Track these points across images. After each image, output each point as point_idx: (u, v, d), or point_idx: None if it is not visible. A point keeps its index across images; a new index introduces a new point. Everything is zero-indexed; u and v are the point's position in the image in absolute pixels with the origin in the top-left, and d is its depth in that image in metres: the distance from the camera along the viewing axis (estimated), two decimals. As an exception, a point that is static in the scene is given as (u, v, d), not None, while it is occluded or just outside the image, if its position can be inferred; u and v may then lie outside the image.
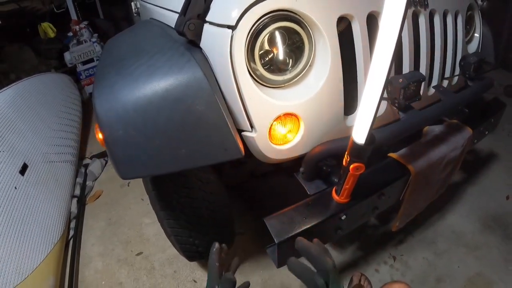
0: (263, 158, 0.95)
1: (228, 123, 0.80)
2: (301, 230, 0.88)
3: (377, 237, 1.65)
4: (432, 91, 1.29)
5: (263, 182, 1.87)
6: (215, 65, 0.87)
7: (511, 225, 1.69)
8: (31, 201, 1.68)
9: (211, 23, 0.87)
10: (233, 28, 0.81)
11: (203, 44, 0.90)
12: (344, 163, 0.84)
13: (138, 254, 1.72)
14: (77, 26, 3.13)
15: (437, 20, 1.26)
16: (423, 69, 1.22)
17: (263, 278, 1.51)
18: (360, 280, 1.22)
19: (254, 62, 0.86)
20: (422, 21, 1.19)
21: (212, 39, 0.87)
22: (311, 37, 0.91)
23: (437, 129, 1.29)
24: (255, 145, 0.90)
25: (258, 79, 0.87)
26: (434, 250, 1.58)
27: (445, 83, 1.38)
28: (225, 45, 0.81)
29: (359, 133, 0.77)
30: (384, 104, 1.11)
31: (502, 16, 2.90)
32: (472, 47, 1.59)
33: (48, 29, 3.27)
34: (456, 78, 1.42)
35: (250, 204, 1.89)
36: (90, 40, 3.12)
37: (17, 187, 1.64)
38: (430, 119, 1.12)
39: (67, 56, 3.06)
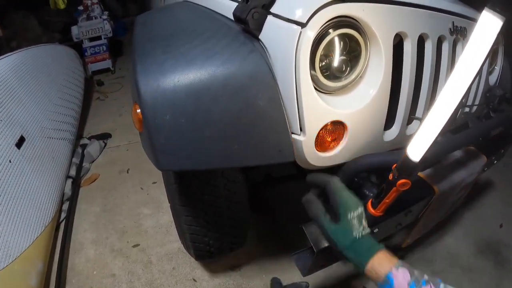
0: (304, 163, 0.92)
1: (287, 124, 0.77)
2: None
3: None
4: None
5: (272, 186, 1.84)
6: (275, 60, 0.83)
7: (503, 253, 1.75)
8: (25, 178, 1.57)
9: (277, 16, 0.84)
10: (303, 25, 0.78)
11: (263, 36, 0.87)
12: (390, 177, 0.84)
13: (134, 246, 1.64)
14: (89, 1, 3.01)
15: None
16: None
17: (265, 283, 1.48)
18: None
19: (313, 65, 0.84)
20: (460, 49, 1.22)
21: (276, 33, 0.84)
22: (368, 47, 0.90)
23: (457, 153, 1.32)
24: (301, 149, 0.87)
25: (314, 83, 0.85)
26: (431, 269, 1.62)
27: (466, 109, 1.41)
28: (291, 42, 0.78)
29: (416, 150, 0.77)
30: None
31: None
32: (492, 79, 1.65)
33: (59, -1, 3.12)
34: (475, 107, 1.46)
35: (253, 207, 1.86)
36: (100, 17, 3.01)
37: (11, 161, 1.53)
38: (462, 144, 1.14)
39: (74, 30, 2.93)
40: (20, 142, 1.65)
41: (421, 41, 1.05)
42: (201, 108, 0.75)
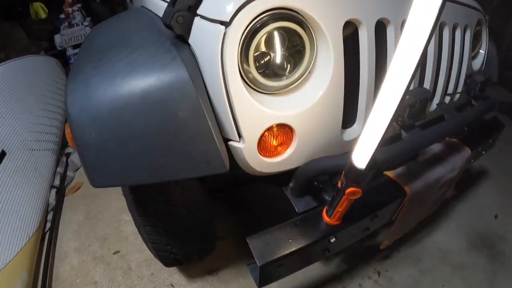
0: (250, 170, 0.87)
1: (214, 134, 0.72)
2: (286, 252, 0.81)
3: (362, 251, 1.60)
4: (434, 107, 1.22)
5: (247, 187, 1.80)
6: (203, 64, 0.78)
7: (498, 245, 1.67)
8: (7, 191, 1.58)
9: (202, 17, 0.78)
10: (226, 24, 0.72)
11: (192, 40, 0.81)
12: (339, 185, 0.77)
13: (115, 253, 1.64)
14: (70, 8, 2.99)
15: (446, 33, 1.19)
16: (427, 84, 1.15)
17: (243, 286, 1.45)
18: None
19: (248, 64, 0.77)
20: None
21: (202, 35, 0.78)
22: (313, 41, 0.83)
23: (436, 147, 1.23)
24: (242, 156, 0.82)
25: (251, 84, 0.79)
26: (419, 268, 1.54)
27: (447, 99, 1.32)
28: (216, 42, 0.72)
29: (360, 156, 0.69)
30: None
31: (501, 33, 2.88)
32: (476, 63, 1.53)
33: (39, 9, 3.13)
34: (458, 95, 1.36)
35: (232, 208, 1.82)
36: (82, 24, 2.98)
37: (-8, 175, 1.54)
38: (434, 139, 1.06)
39: (57, 38, 2.93)
40: (1, 157, 1.65)
41: (382, 28, 0.97)
42: (123, 124, 0.72)
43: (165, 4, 1.02)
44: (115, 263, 1.59)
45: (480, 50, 1.55)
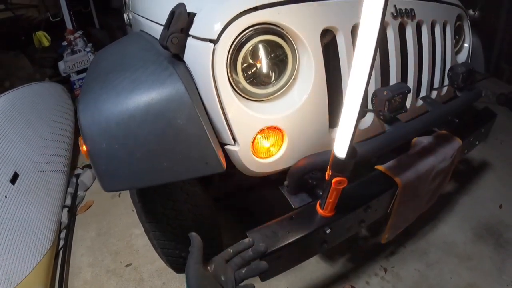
0: (247, 171, 0.94)
1: (209, 137, 0.80)
2: (284, 244, 0.87)
3: (368, 249, 1.64)
4: (420, 102, 1.29)
5: (251, 194, 1.85)
6: (197, 78, 0.87)
7: (505, 234, 1.68)
8: (21, 211, 1.66)
9: (194, 37, 0.87)
10: (214, 42, 0.81)
11: (186, 57, 0.90)
12: (326, 177, 0.84)
13: (127, 265, 1.70)
14: (72, 36, 3.13)
15: (424, 31, 1.27)
16: (410, 81, 1.22)
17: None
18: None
19: (237, 75, 0.86)
20: (409, 32, 1.20)
21: (194, 53, 0.87)
22: (294, 50, 0.91)
23: (425, 140, 1.29)
24: (238, 158, 0.90)
25: (241, 93, 0.87)
26: (426, 261, 1.57)
27: (434, 94, 1.38)
28: (206, 58, 0.81)
29: (340, 147, 0.76)
30: (370, 116, 1.11)
31: (494, 25, 2.93)
32: (462, 57, 1.60)
33: (42, 38, 3.28)
34: (445, 89, 1.42)
35: (239, 216, 1.88)
36: (84, 50, 3.12)
37: (7, 196, 1.62)
38: (416, 131, 1.12)
39: (61, 65, 3.06)
40: (14, 179, 1.74)
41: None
42: (130, 134, 0.80)
43: (161, 28, 1.13)
44: (128, 275, 1.65)
45: (465, 44, 1.61)
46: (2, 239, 1.45)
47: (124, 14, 1.88)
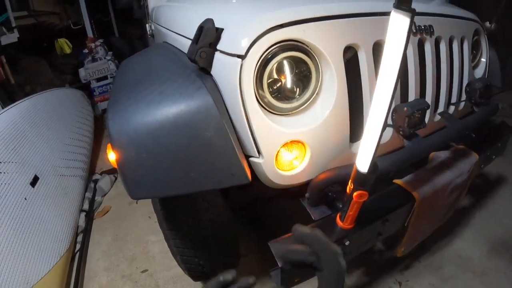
0: (270, 183, 0.96)
1: (236, 149, 0.83)
2: (305, 255, 0.89)
3: (383, 262, 1.63)
4: (438, 117, 1.30)
5: (268, 205, 1.87)
6: (225, 92, 0.90)
7: (521, 249, 1.66)
8: (40, 213, 1.71)
9: (222, 51, 0.91)
10: (242, 57, 0.84)
11: (213, 71, 0.94)
12: (347, 191, 0.86)
13: (143, 271, 1.72)
14: (93, 44, 3.23)
15: (443, 46, 1.28)
16: (429, 96, 1.23)
17: (269, 301, 1.50)
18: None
19: (263, 90, 0.89)
20: (428, 48, 1.22)
21: (222, 67, 0.91)
22: (318, 66, 0.94)
23: (443, 155, 1.29)
24: (262, 171, 0.92)
25: (266, 107, 0.90)
26: (440, 276, 1.56)
27: (452, 109, 1.39)
28: (234, 73, 0.84)
29: (363, 161, 0.79)
30: (390, 131, 1.13)
31: (510, 37, 2.91)
32: (479, 72, 1.60)
33: (64, 45, 3.38)
34: (462, 104, 1.43)
35: (255, 227, 1.89)
36: (105, 58, 3.21)
37: (27, 198, 1.68)
38: (434, 146, 1.13)
39: (81, 72, 3.15)
40: (34, 181, 1.80)
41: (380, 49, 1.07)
42: (158, 144, 0.83)
43: (187, 41, 1.18)
44: (143, 281, 1.67)
45: (482, 59, 1.62)
46: (20, 240, 1.50)
47: (147, 25, 1.94)
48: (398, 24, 0.66)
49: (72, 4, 3.78)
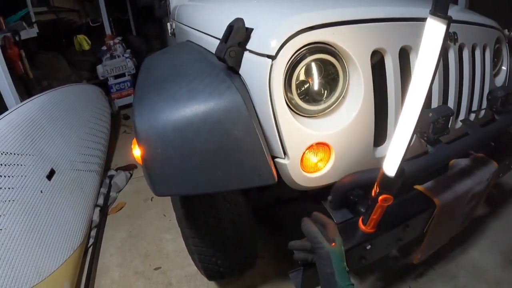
0: (294, 185, 0.97)
1: (264, 150, 0.83)
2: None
3: (397, 269, 1.62)
4: (459, 124, 1.29)
5: (289, 207, 1.87)
6: (253, 92, 0.91)
7: (536, 261, 1.64)
8: (55, 206, 1.73)
9: (251, 51, 0.91)
10: (273, 58, 0.85)
11: (242, 71, 0.95)
12: (373, 194, 0.86)
13: (156, 269, 1.73)
14: (111, 41, 3.27)
15: (466, 54, 1.28)
16: (451, 103, 1.23)
17: (280, 303, 1.50)
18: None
19: (291, 92, 0.89)
20: (452, 55, 1.21)
21: (251, 67, 0.91)
22: (345, 69, 0.94)
23: (463, 162, 1.29)
24: (287, 172, 0.92)
25: (294, 108, 0.91)
26: (454, 285, 1.54)
27: (472, 116, 1.39)
28: (264, 73, 0.85)
29: (390, 165, 0.79)
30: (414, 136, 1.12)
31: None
32: (499, 80, 1.60)
33: (83, 41, 3.43)
34: (483, 112, 1.42)
35: (271, 228, 1.89)
36: (123, 55, 3.25)
37: (43, 191, 1.70)
38: (457, 153, 1.13)
39: (99, 69, 3.19)
40: (50, 175, 1.82)
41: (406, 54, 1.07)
42: (186, 141, 0.84)
43: (212, 39, 1.19)
44: (156, 278, 1.68)
45: (502, 67, 1.61)
46: (34, 233, 1.51)
47: (168, 24, 1.96)
48: (433, 31, 0.67)
49: (91, 2, 3.84)
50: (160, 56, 1.35)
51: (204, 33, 1.30)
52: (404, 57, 1.07)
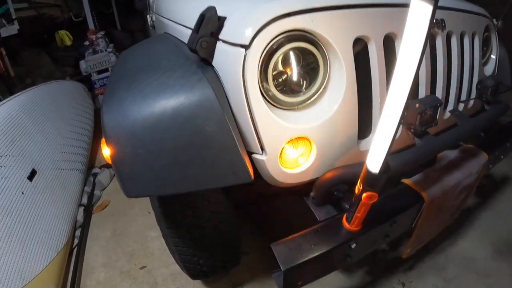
0: (273, 181, 0.92)
1: (238, 146, 0.78)
2: (308, 258, 0.85)
3: (386, 262, 1.60)
4: (448, 115, 1.25)
5: (271, 202, 1.83)
6: (227, 84, 0.85)
7: (527, 251, 1.63)
8: (37, 208, 1.67)
9: (224, 41, 0.86)
10: (246, 47, 0.79)
11: (215, 62, 0.89)
12: (356, 191, 0.81)
13: (141, 268, 1.69)
14: (94, 36, 3.18)
15: (454, 41, 1.24)
16: (439, 93, 1.19)
17: (267, 300, 1.47)
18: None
19: (267, 83, 0.84)
20: (439, 43, 1.17)
21: (224, 58, 0.86)
22: (326, 58, 0.89)
23: (452, 154, 1.25)
24: (265, 168, 0.88)
25: (271, 100, 0.85)
26: (444, 277, 1.52)
27: (461, 106, 1.35)
28: (237, 64, 0.80)
29: (374, 161, 0.74)
30: (399, 129, 1.08)
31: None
32: (488, 69, 1.56)
33: (65, 36, 3.34)
34: (472, 102, 1.38)
35: (257, 224, 1.85)
36: (106, 50, 3.16)
37: (24, 193, 1.64)
38: (446, 145, 1.09)
39: (82, 64, 3.11)
40: (31, 175, 1.75)
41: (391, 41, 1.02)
42: (155, 139, 0.79)
43: (188, 31, 1.12)
44: (142, 278, 1.64)
45: (492, 56, 1.58)
46: (16, 235, 1.46)
47: (148, 16, 1.89)
48: (418, 14, 0.61)
49: (74, -4, 3.73)
50: (135, 49, 1.29)
51: (180, 24, 1.24)
52: (389, 45, 1.02)
